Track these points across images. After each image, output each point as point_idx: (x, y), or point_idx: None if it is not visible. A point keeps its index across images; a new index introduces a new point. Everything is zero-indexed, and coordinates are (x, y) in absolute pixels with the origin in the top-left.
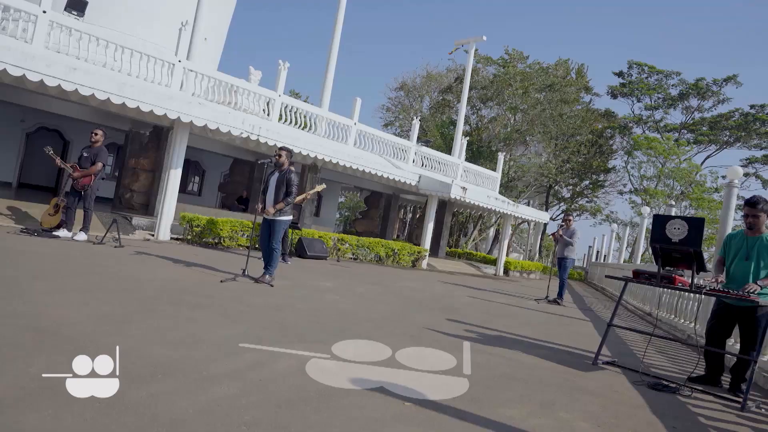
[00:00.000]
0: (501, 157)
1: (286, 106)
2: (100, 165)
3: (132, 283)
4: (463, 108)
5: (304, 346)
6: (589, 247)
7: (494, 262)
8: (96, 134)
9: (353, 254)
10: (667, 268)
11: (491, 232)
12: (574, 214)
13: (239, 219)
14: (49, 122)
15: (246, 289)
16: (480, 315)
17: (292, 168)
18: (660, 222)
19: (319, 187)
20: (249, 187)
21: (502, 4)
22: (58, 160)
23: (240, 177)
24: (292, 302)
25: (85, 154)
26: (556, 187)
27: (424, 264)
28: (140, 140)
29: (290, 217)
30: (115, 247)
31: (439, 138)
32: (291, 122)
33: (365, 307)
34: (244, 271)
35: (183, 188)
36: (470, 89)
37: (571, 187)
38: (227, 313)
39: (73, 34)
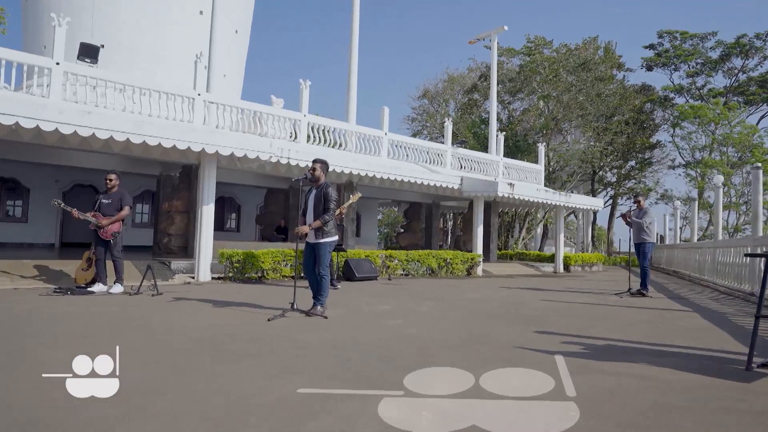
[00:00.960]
0: (541, 148)
1: (312, 126)
2: (127, 209)
3: (167, 335)
4: (493, 102)
5: (373, 383)
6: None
7: (550, 260)
8: (110, 179)
9: (404, 270)
10: None
11: (539, 229)
12: (626, 197)
13: (280, 249)
14: (83, 178)
15: (297, 325)
16: (566, 321)
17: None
18: None
19: (354, 198)
20: (286, 216)
21: None
22: (75, 212)
23: (275, 206)
24: (351, 334)
25: (105, 201)
26: (600, 173)
27: (479, 271)
28: (171, 182)
29: (335, 238)
30: (153, 295)
31: (472, 138)
32: (320, 142)
33: (433, 329)
34: (292, 304)
35: (221, 226)
36: (497, 83)
37: (616, 171)
38: (280, 359)
39: (89, 82)
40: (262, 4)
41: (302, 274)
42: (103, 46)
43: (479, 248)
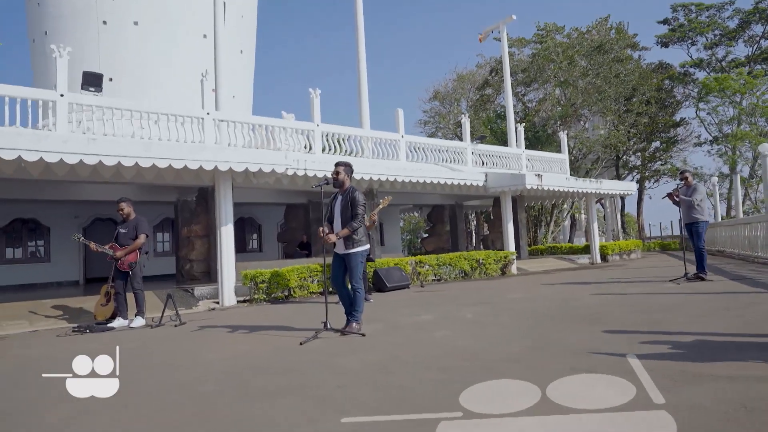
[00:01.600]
0: (563, 136)
1: (327, 135)
2: (143, 237)
3: (190, 372)
4: (508, 93)
5: (426, 405)
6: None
7: (584, 251)
8: (121, 208)
9: (435, 275)
10: None
11: (567, 221)
12: (652, 180)
13: (305, 264)
14: (101, 212)
15: (333, 346)
16: (630, 315)
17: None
18: None
19: (384, 202)
20: (307, 231)
21: None
22: (93, 245)
23: (296, 222)
24: (395, 352)
25: (122, 230)
26: (624, 158)
27: (513, 269)
28: (189, 207)
29: (366, 247)
30: (176, 325)
31: (489, 134)
32: (335, 151)
33: (485, 338)
34: (325, 324)
35: (243, 248)
36: (510, 75)
37: (640, 154)
38: (317, 392)
39: (95, 111)
40: (266, 16)
41: (331, 289)
42: (111, 79)
43: (511, 245)
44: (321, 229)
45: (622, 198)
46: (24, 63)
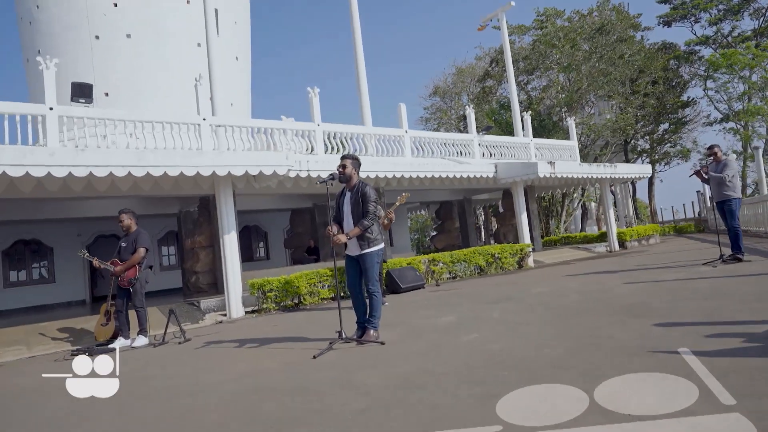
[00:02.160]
0: (572, 122)
1: (328, 134)
2: (142, 251)
3: (192, 398)
4: (511, 81)
5: (462, 419)
6: (698, 192)
7: (600, 239)
8: (121, 220)
9: (450, 273)
10: None
11: (578, 210)
12: (663, 164)
13: (314, 270)
14: (104, 229)
15: (351, 359)
16: (674, 305)
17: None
18: None
19: (401, 199)
20: (314, 235)
21: None
22: (96, 261)
23: (302, 227)
24: (421, 362)
25: (123, 245)
26: (633, 142)
27: (530, 262)
28: (191, 218)
29: (382, 246)
30: (179, 343)
31: (494, 126)
32: (338, 150)
33: (517, 339)
34: (340, 333)
35: (250, 256)
36: (512, 63)
37: (648, 137)
38: (337, 419)
39: (87, 123)
40: (263, 24)
41: (344, 292)
42: (107, 94)
43: (526, 237)
44: (329, 228)
45: (633, 183)
46: (22, 86)
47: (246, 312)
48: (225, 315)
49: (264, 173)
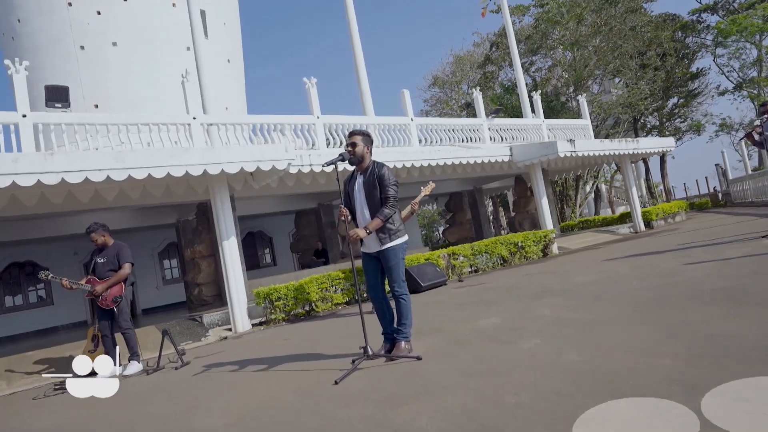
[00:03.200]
0: (583, 99)
1: (329, 127)
2: (128, 266)
3: None
4: (517, 63)
5: None
6: (716, 165)
7: (621, 220)
8: (94, 239)
9: (471, 266)
10: None
11: (592, 193)
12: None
13: (324, 273)
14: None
15: (384, 383)
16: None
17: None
18: None
19: (426, 189)
20: (321, 236)
21: None
22: (65, 281)
23: (308, 229)
24: (476, 384)
25: (100, 260)
26: (642, 119)
27: (554, 249)
28: (190, 227)
29: (406, 238)
30: (176, 368)
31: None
32: (340, 143)
33: (595, 343)
34: (365, 349)
35: (257, 264)
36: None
37: (657, 113)
38: None
39: (66, 130)
40: (257, 30)
41: (364, 295)
42: (97, 106)
43: (548, 223)
44: (341, 208)
45: (645, 162)
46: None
47: (253, 324)
48: (230, 330)
49: (262, 169)
